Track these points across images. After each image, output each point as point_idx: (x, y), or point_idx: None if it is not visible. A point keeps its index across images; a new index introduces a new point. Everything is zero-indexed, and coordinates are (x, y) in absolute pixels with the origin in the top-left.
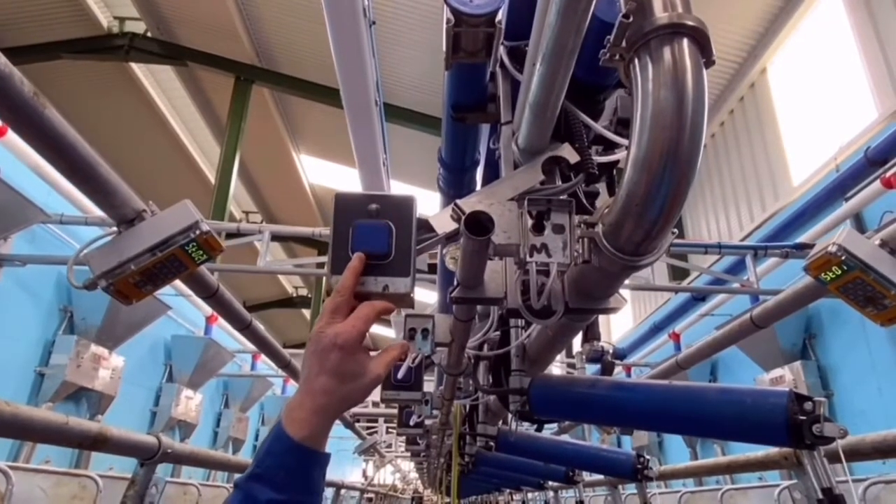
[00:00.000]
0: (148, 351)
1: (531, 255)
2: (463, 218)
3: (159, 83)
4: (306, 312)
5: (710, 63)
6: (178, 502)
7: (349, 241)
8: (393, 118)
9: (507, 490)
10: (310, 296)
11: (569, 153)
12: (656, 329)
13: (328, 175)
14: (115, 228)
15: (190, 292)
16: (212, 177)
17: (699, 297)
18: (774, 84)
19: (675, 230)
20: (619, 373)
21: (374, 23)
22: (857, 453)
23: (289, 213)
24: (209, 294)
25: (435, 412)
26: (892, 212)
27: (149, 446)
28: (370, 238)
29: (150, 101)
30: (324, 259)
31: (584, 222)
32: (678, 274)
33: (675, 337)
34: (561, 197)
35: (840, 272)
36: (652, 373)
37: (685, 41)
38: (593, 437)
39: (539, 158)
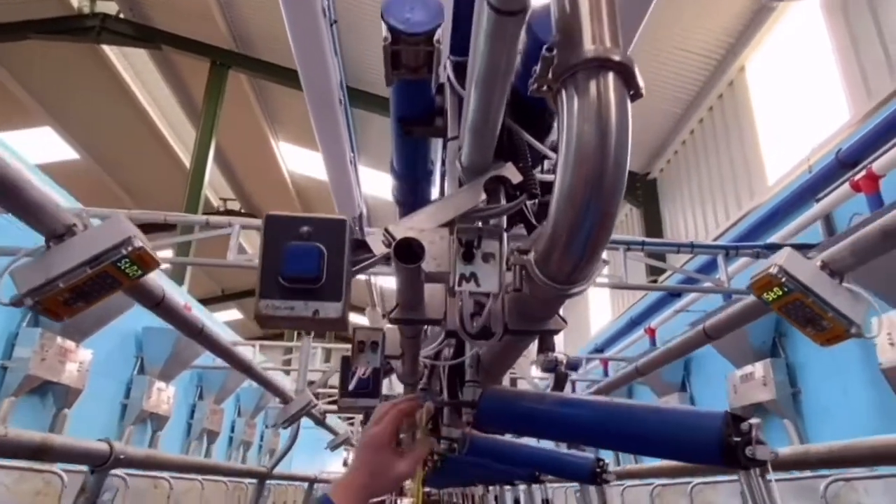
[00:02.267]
0: (118, 343)
1: (460, 284)
2: (393, 245)
3: (132, 66)
4: None
5: (636, 95)
6: (148, 496)
7: (279, 264)
8: (370, 106)
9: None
10: None
11: (512, 173)
12: (634, 323)
13: (308, 163)
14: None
15: None
16: (188, 162)
17: (674, 293)
18: (752, 82)
19: (607, 259)
20: (596, 367)
21: (335, 22)
22: (805, 463)
23: (267, 201)
24: (155, 303)
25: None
26: (861, 214)
27: (99, 453)
28: (301, 261)
29: (124, 84)
30: None
31: (517, 249)
32: (655, 271)
33: (651, 332)
34: (492, 223)
35: (781, 293)
36: (613, 378)
37: (610, 75)
38: None
39: (482, 178)
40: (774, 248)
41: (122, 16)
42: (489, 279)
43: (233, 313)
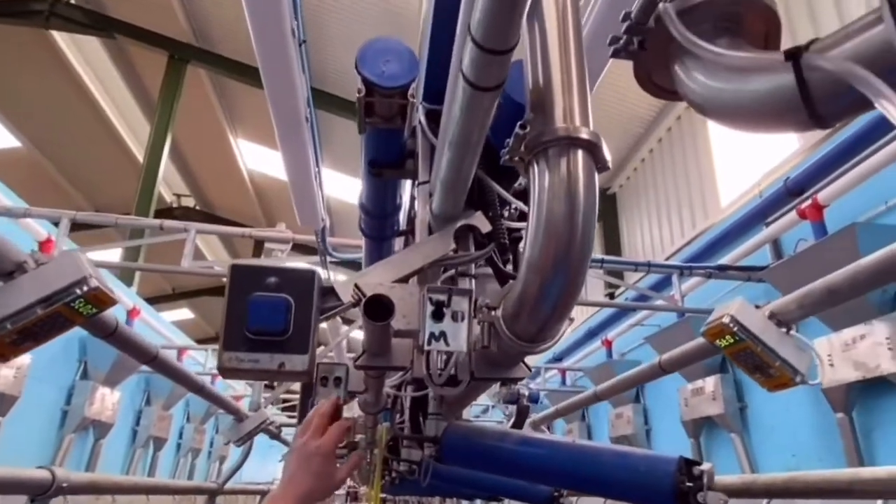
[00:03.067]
0: (60, 347)
1: (429, 343)
2: (363, 301)
3: (84, 55)
4: None
5: (603, 168)
6: None
7: (244, 316)
8: (334, 108)
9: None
10: None
11: (481, 222)
12: (591, 334)
13: (268, 162)
14: None
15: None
16: (141, 157)
17: (631, 308)
18: None
19: (572, 318)
20: (554, 376)
21: (304, 42)
22: (749, 492)
23: (225, 199)
24: (107, 333)
25: (359, 436)
26: (806, 240)
27: (39, 482)
28: (267, 314)
29: (73, 72)
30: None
31: (485, 306)
32: (613, 284)
33: (608, 343)
34: (473, 267)
35: (733, 341)
36: (572, 400)
37: (580, 153)
38: None
39: (452, 226)
40: (725, 269)
41: (73, 1)
42: (458, 338)
43: (184, 313)
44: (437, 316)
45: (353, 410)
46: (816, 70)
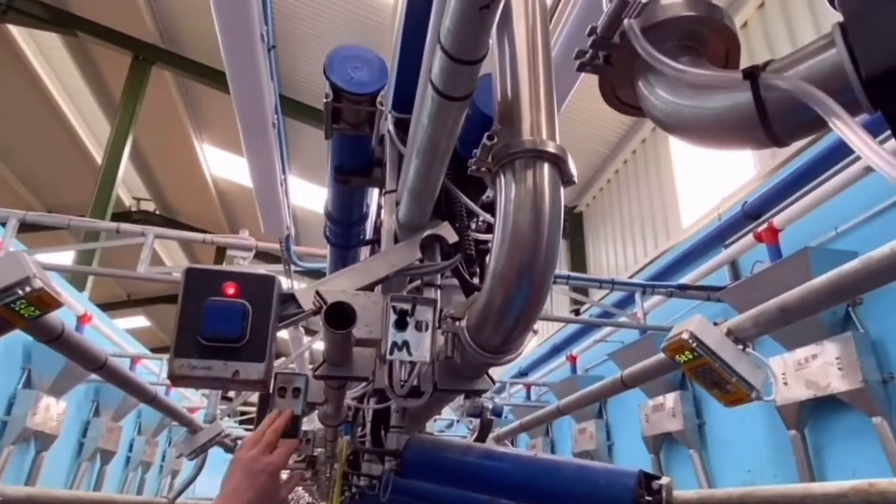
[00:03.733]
0: (0, 353)
1: (392, 353)
2: (324, 309)
3: (42, 51)
4: None
5: (568, 183)
6: None
7: (198, 322)
8: (301, 116)
9: None
10: None
11: (448, 232)
12: (556, 350)
13: (233, 168)
14: None
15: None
16: (99, 158)
17: (595, 324)
18: None
19: (536, 330)
20: (519, 391)
21: (273, 47)
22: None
23: (187, 204)
24: (51, 338)
25: (318, 450)
26: (762, 262)
27: None
28: (222, 320)
29: (31, 68)
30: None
31: (450, 316)
32: (578, 301)
33: (572, 359)
34: (439, 278)
35: (692, 356)
36: (536, 415)
37: (546, 166)
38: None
39: (418, 235)
40: (685, 288)
41: None
42: (421, 348)
43: (139, 320)
44: (401, 325)
45: (312, 423)
46: (773, 89)
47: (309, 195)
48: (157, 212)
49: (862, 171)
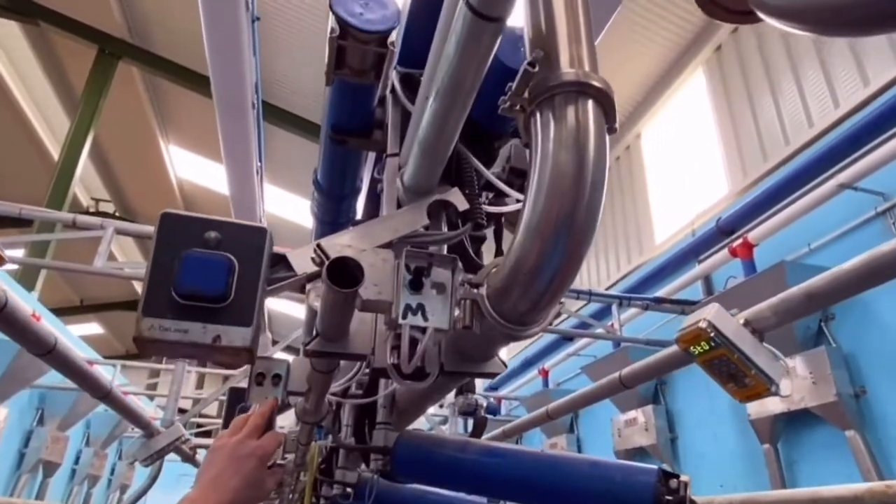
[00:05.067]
0: None
1: (405, 317)
2: (326, 264)
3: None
4: None
5: (611, 130)
6: None
7: (174, 275)
8: (276, 120)
9: None
10: None
11: (458, 199)
12: (528, 364)
13: (200, 171)
14: None
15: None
16: (56, 154)
17: (568, 337)
18: (646, 149)
19: (562, 302)
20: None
21: (258, 18)
22: None
23: (149, 207)
24: None
25: (288, 456)
26: (736, 277)
27: None
28: (202, 274)
29: None
30: None
31: (468, 282)
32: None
33: (545, 373)
34: (444, 249)
35: (708, 347)
36: (521, 420)
37: (590, 103)
38: None
39: (425, 200)
40: (661, 301)
41: None
42: (439, 313)
43: (92, 327)
44: (416, 286)
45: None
46: None
47: (281, 203)
48: (117, 213)
49: (835, 189)
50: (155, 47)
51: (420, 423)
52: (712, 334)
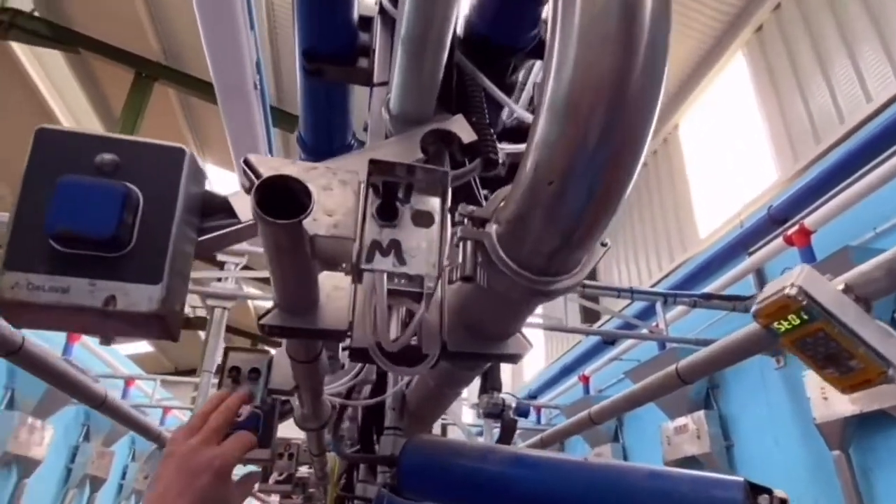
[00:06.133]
0: None
1: (370, 259)
2: (256, 184)
3: (44, 67)
4: (202, 335)
5: None
6: None
7: (45, 212)
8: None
9: None
10: (207, 317)
11: (461, 128)
12: (567, 371)
13: (237, 188)
14: None
15: None
16: None
17: (609, 341)
18: (685, 140)
19: (607, 241)
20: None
21: None
22: None
23: None
24: (9, 351)
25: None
26: (791, 268)
27: None
28: (84, 208)
29: (32, 85)
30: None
31: (469, 216)
32: (588, 316)
33: (585, 379)
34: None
35: (799, 321)
36: (561, 426)
37: None
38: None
39: (418, 130)
40: (710, 297)
41: (36, 13)
42: (422, 255)
43: (142, 346)
44: (388, 214)
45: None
46: None
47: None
48: None
49: None
50: (188, 68)
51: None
52: (804, 303)
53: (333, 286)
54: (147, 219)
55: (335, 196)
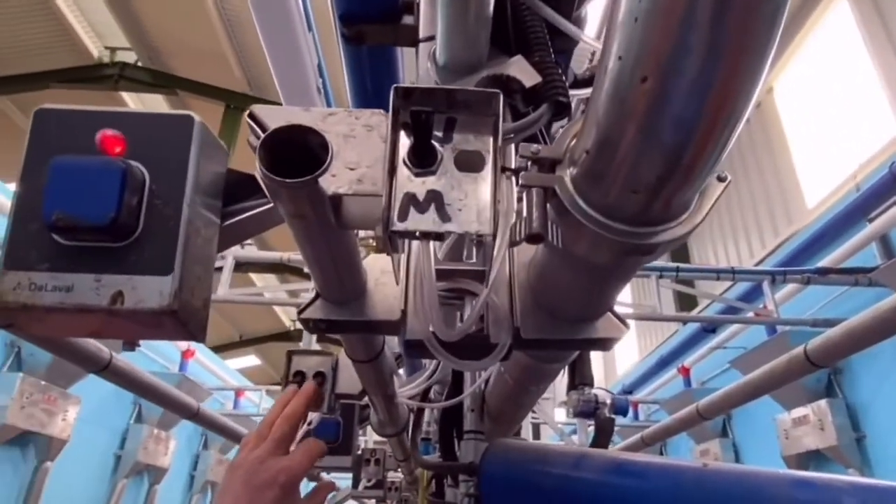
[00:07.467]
0: (113, 389)
1: (403, 218)
2: (262, 138)
3: (148, 110)
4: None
5: None
6: None
7: (42, 198)
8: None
9: None
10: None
11: (522, 71)
12: (664, 363)
13: None
14: None
15: None
16: None
17: (710, 329)
18: (781, 103)
19: (726, 174)
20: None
21: None
22: None
23: (281, 244)
24: (100, 367)
25: (392, 472)
26: None
27: None
28: (80, 190)
29: None
30: (301, 286)
31: (534, 159)
32: (684, 303)
33: (685, 371)
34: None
35: None
36: (664, 423)
37: None
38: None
39: (470, 78)
40: (826, 272)
41: (140, 63)
42: (471, 207)
43: (251, 359)
44: (423, 157)
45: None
46: None
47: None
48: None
49: None
50: (271, 95)
51: (550, 436)
52: None
53: (381, 269)
54: (155, 201)
55: (359, 145)
